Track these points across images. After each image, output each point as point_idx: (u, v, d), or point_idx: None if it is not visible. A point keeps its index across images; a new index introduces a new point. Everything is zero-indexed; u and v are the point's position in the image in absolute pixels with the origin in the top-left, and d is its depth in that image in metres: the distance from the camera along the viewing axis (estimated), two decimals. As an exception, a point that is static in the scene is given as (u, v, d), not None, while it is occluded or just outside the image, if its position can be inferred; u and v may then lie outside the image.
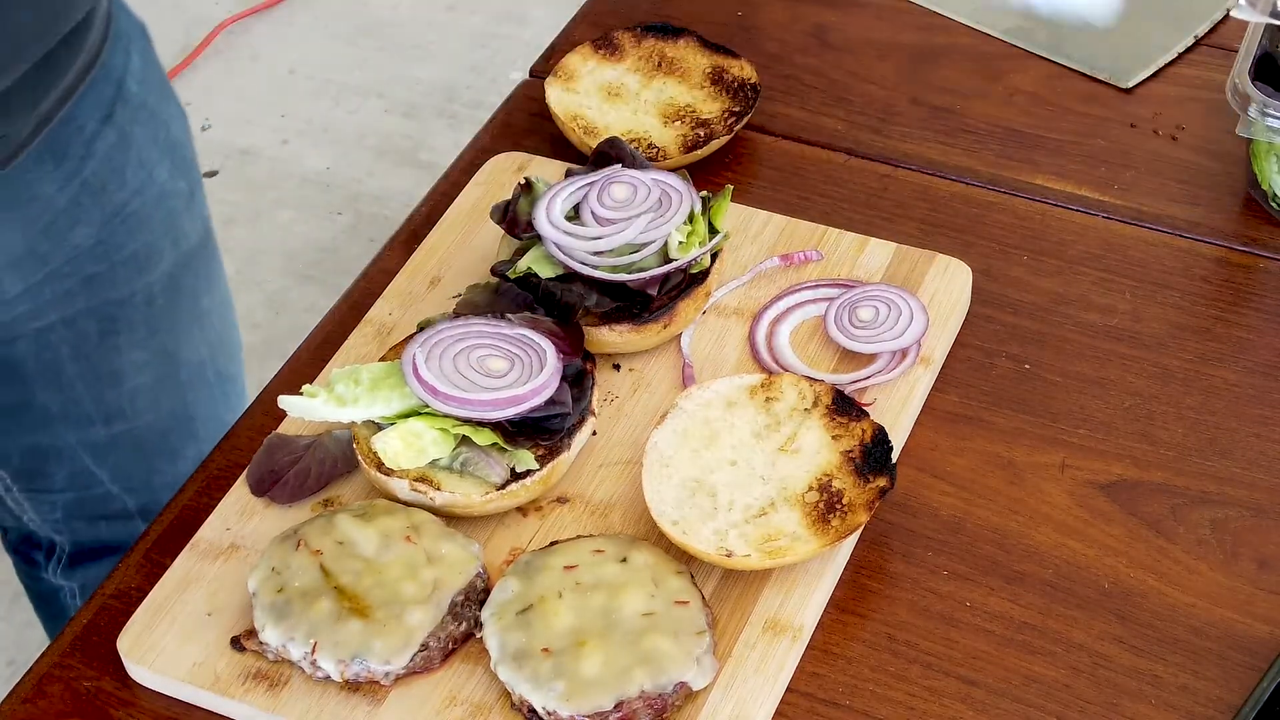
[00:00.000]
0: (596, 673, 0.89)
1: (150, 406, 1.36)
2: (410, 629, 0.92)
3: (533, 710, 0.90)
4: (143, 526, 1.25)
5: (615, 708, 0.89)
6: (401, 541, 0.96)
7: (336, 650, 0.92)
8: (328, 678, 0.93)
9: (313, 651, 0.92)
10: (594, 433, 1.04)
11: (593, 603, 0.92)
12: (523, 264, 1.08)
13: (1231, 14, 1.13)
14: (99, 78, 1.20)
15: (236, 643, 0.95)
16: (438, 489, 0.99)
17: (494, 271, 1.10)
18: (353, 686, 0.93)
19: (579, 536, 0.98)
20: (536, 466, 0.99)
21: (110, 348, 1.29)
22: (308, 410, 1.00)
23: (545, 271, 1.08)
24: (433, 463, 1.00)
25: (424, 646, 0.93)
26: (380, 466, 0.99)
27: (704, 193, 1.12)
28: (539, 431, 1.00)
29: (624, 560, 0.95)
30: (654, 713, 0.90)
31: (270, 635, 0.93)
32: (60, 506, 1.41)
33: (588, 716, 0.89)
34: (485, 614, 0.93)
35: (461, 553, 0.96)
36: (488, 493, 0.99)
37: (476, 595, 0.95)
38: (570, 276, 1.07)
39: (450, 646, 0.94)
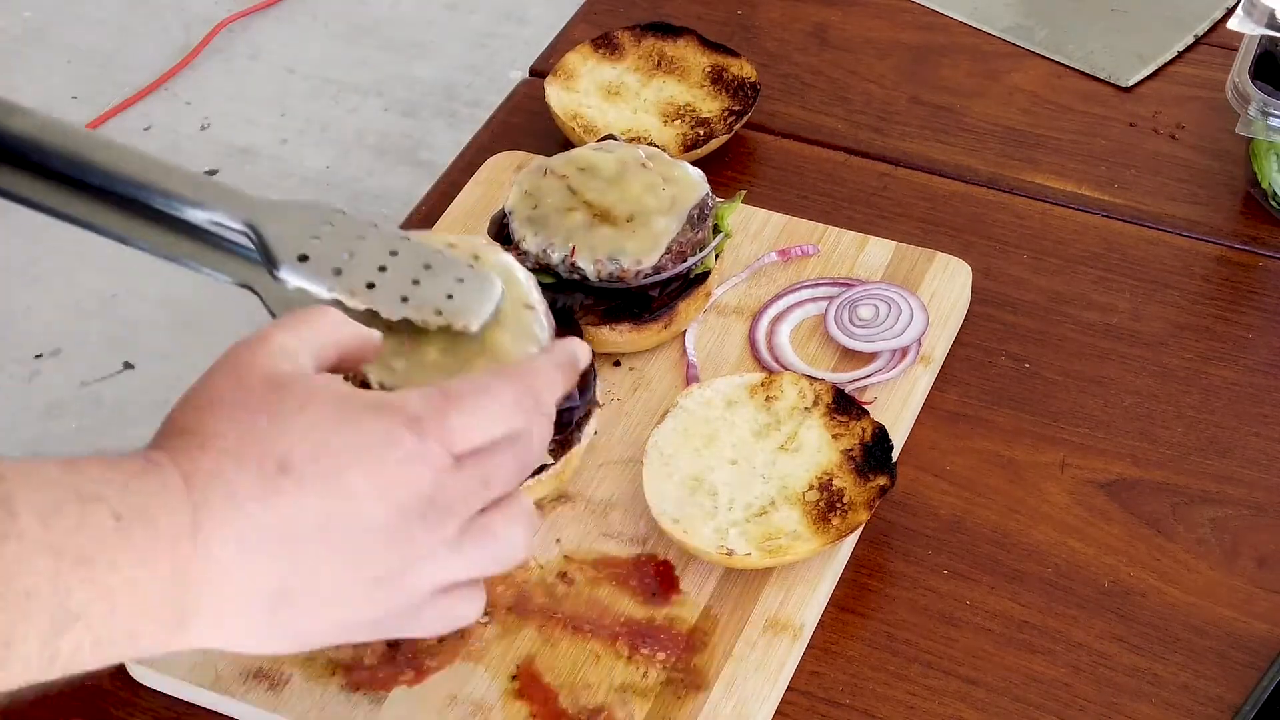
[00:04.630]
0: (436, 357, 0.90)
1: None
2: (658, 233, 1.06)
3: (365, 383, 0.90)
4: None
5: None
6: (638, 168, 1.08)
7: (593, 251, 1.05)
8: (584, 279, 1.06)
9: (571, 254, 1.04)
10: (594, 431, 1.04)
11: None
12: None
13: (1228, 26, 1.14)
14: None
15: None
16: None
17: None
18: (354, 685, 0.93)
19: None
20: (551, 460, 0.99)
21: None
22: None
23: (544, 278, 1.08)
24: None
25: (669, 250, 1.06)
26: None
27: (721, 201, 1.12)
28: None
29: (476, 258, 0.95)
30: None
31: (531, 244, 1.06)
32: None
33: None
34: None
35: (692, 175, 1.10)
36: None
37: (708, 210, 1.09)
38: (569, 284, 1.07)
39: (687, 251, 1.07)
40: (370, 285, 0.84)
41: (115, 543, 0.66)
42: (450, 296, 0.85)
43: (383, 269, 0.85)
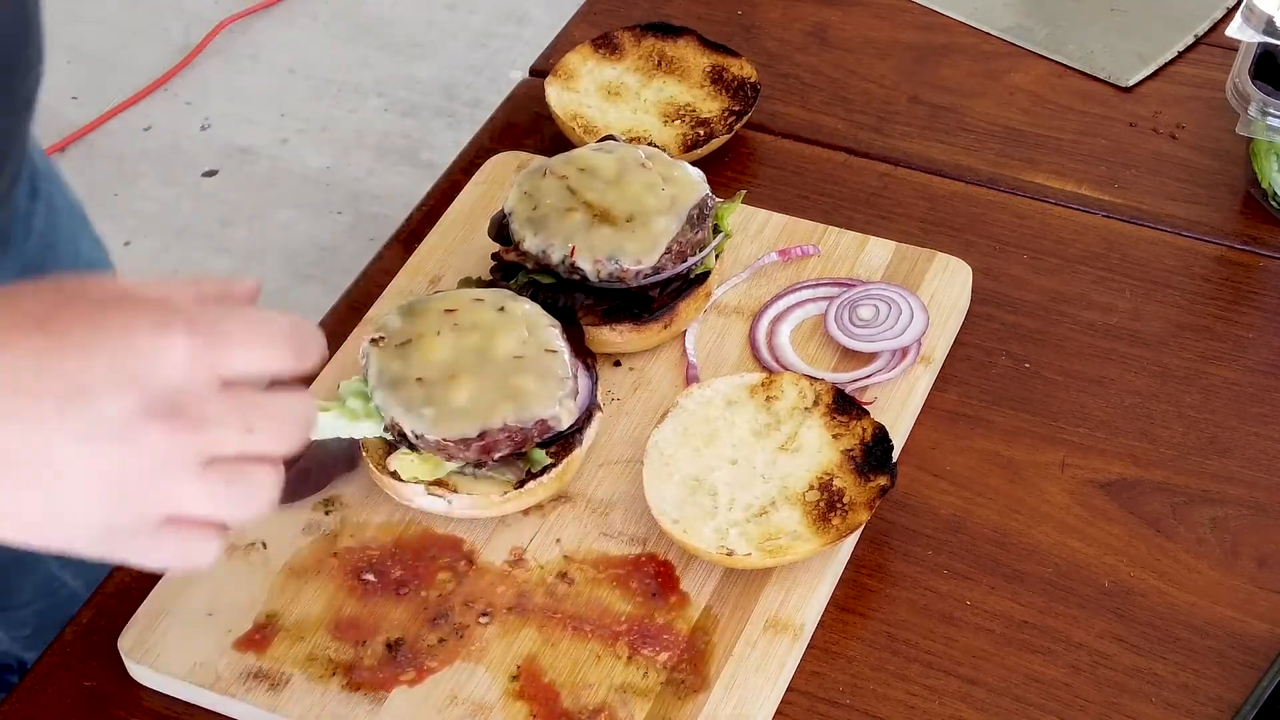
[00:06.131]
0: (464, 403, 0.95)
1: None
2: (658, 233, 1.05)
3: (403, 434, 0.96)
4: None
5: (478, 436, 0.95)
6: (638, 168, 1.08)
7: (593, 251, 1.05)
8: (584, 279, 1.06)
9: (571, 254, 1.04)
10: (594, 434, 1.04)
11: (468, 341, 0.98)
12: (523, 275, 1.08)
13: (1227, 33, 1.14)
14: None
15: (497, 256, 1.08)
16: (454, 492, 0.98)
17: (494, 279, 1.10)
18: (354, 685, 0.93)
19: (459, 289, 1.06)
20: (551, 461, 0.99)
21: None
22: (320, 427, 0.98)
23: (544, 278, 1.08)
24: None
25: (669, 250, 1.05)
26: (395, 475, 0.99)
27: (721, 201, 1.12)
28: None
29: (502, 309, 1.01)
30: (514, 445, 0.96)
31: (531, 244, 1.06)
32: (30, 620, 1.34)
33: (453, 442, 0.95)
34: (365, 343, 1.00)
35: (691, 175, 1.10)
36: (505, 492, 0.99)
37: (708, 210, 1.09)
38: (569, 284, 1.07)
39: (687, 251, 1.07)
40: None
41: None
42: None
43: None
